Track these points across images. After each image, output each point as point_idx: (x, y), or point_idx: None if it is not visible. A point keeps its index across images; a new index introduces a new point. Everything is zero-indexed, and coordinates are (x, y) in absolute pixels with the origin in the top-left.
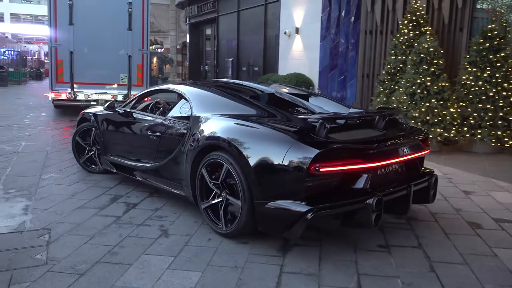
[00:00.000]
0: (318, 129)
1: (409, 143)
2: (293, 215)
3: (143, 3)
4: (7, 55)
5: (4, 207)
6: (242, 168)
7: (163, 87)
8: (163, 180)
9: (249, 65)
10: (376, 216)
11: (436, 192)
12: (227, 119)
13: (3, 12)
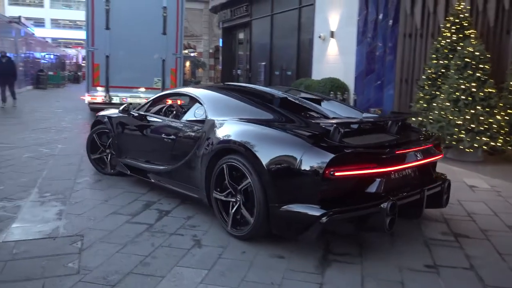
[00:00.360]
0: (333, 134)
1: (422, 148)
2: (308, 219)
3: (178, 7)
4: (47, 59)
5: (39, 211)
6: (257, 171)
7: (177, 90)
8: (177, 183)
9: (282, 69)
10: (391, 220)
11: (449, 196)
12: (242, 123)
13: (44, 17)
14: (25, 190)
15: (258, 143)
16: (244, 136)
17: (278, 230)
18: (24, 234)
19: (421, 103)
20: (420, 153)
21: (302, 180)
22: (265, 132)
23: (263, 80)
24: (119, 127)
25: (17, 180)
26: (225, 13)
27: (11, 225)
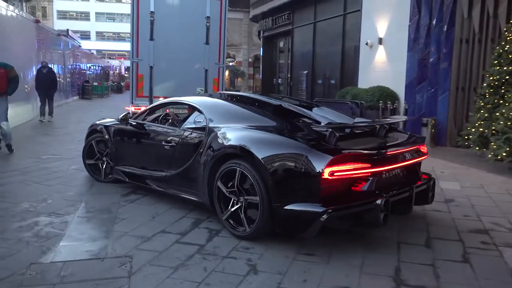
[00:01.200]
0: (328, 138)
1: (409, 149)
2: (309, 217)
3: (221, 17)
4: (92, 70)
5: (86, 228)
6: (261, 174)
7: (174, 99)
8: (178, 187)
9: (325, 78)
10: (384, 216)
11: (434, 194)
12: (243, 129)
13: (89, 30)
14: (72, 204)
15: (260, 147)
16: (247, 141)
17: (281, 228)
18: (72, 253)
19: (482, 112)
20: (408, 154)
21: (304, 180)
22: (267, 137)
23: (305, 89)
24: (117, 136)
25: (64, 194)
26: (266, 22)
27: (59, 243)
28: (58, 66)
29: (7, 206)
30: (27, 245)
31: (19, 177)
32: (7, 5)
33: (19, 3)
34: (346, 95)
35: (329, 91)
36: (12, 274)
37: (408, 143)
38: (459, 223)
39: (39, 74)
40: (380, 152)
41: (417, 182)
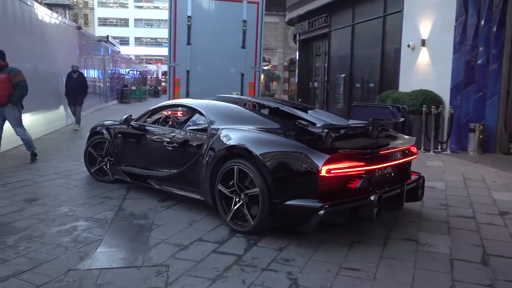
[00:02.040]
0: (325, 138)
1: (400, 149)
2: (308, 212)
3: (257, 21)
4: (130, 74)
5: (123, 235)
6: (261, 172)
7: (174, 102)
8: (180, 186)
9: (364, 81)
10: (378, 211)
11: (423, 191)
12: (244, 130)
13: (128, 36)
14: (110, 209)
15: (261, 147)
16: (248, 141)
17: (281, 223)
18: (109, 260)
19: None
20: (399, 154)
21: (302, 178)
22: (267, 137)
23: (342, 93)
24: (119, 137)
25: (103, 198)
26: (302, 25)
27: (96, 250)
28: (99, 71)
29: (47, 210)
30: (65, 251)
31: (59, 181)
32: (51, 13)
33: (62, 11)
34: (387, 99)
35: (367, 95)
36: (50, 280)
37: (399, 143)
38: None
39: (69, 79)
40: (373, 151)
41: (408, 180)
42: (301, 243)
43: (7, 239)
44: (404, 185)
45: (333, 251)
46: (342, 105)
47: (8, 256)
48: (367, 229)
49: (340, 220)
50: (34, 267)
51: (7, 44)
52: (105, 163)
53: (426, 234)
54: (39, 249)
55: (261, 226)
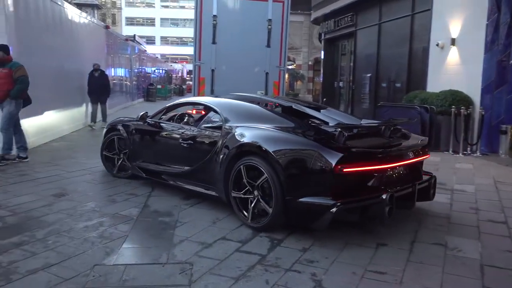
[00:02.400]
0: (338, 137)
1: (412, 149)
2: (320, 209)
3: (283, 20)
4: (156, 73)
5: (147, 231)
6: (275, 170)
7: (190, 100)
8: (195, 182)
9: (390, 81)
10: (389, 209)
11: (435, 191)
12: (258, 128)
13: (154, 35)
14: (136, 206)
15: (275, 145)
16: (262, 139)
17: (293, 220)
18: (134, 256)
19: None
20: (411, 153)
21: (315, 175)
22: (281, 135)
23: (368, 93)
24: (135, 134)
25: (128, 195)
26: (327, 24)
27: (122, 245)
28: (125, 70)
29: (75, 205)
30: (92, 246)
31: (86, 177)
32: (81, 12)
33: (91, 11)
34: (414, 100)
35: (394, 95)
36: (77, 274)
37: (411, 143)
38: None
39: (91, 78)
40: (386, 150)
41: (419, 180)
42: (325, 244)
43: (36, 232)
44: (415, 184)
45: (358, 253)
46: (367, 105)
47: (38, 250)
48: (392, 232)
49: (352, 218)
50: (62, 261)
51: (39, 43)
52: (122, 158)
53: (455, 238)
54: (66, 243)
55: (274, 222)
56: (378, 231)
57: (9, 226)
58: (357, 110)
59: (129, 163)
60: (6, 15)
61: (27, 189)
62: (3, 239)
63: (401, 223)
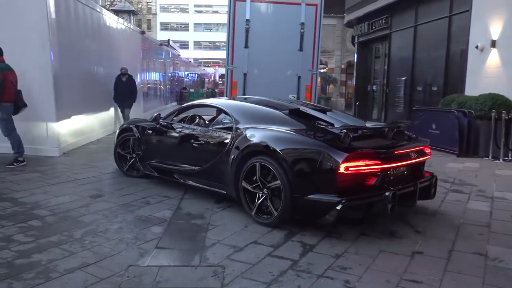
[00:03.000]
0: (343, 138)
1: (414, 149)
2: (327, 206)
3: (315, 23)
4: (189, 77)
5: (180, 233)
6: (284, 169)
7: (201, 102)
8: (205, 181)
9: (426, 84)
10: (392, 207)
11: (436, 190)
12: (268, 129)
13: (188, 40)
14: (169, 208)
15: (284, 145)
16: (272, 140)
17: (301, 215)
18: (167, 258)
19: None
20: (413, 154)
21: (322, 174)
22: (289, 136)
23: (403, 96)
24: (147, 134)
25: (162, 197)
26: (361, 27)
27: (155, 247)
28: (160, 74)
29: (110, 206)
30: (126, 246)
31: (122, 179)
32: (118, 18)
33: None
34: (451, 103)
35: (430, 99)
36: (113, 274)
37: (414, 144)
38: None
39: (118, 83)
40: (389, 151)
41: (421, 179)
42: (358, 251)
43: (74, 232)
44: (417, 183)
45: (392, 261)
46: (402, 109)
47: (75, 249)
48: (429, 241)
49: (356, 215)
50: (98, 261)
51: (80, 49)
52: (134, 158)
53: (496, 248)
54: (102, 243)
55: (283, 218)
56: (413, 239)
57: (49, 226)
58: (391, 114)
59: (140, 164)
60: (49, 22)
61: (66, 190)
62: (43, 238)
63: (438, 231)
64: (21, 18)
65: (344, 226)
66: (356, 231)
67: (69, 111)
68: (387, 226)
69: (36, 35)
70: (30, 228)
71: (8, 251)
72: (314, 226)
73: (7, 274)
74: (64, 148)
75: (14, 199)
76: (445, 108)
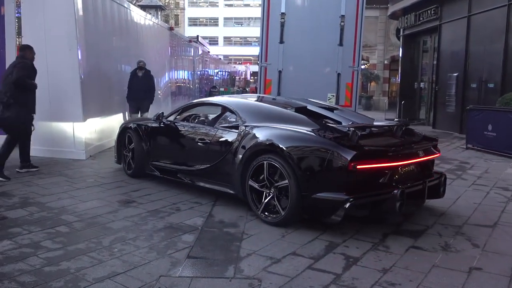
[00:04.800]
0: (351, 136)
1: (423, 148)
2: (335, 204)
3: (357, 15)
4: (219, 75)
5: (213, 243)
6: (292, 167)
7: (205, 100)
8: (211, 181)
9: (481, 81)
10: (400, 204)
11: (445, 188)
12: (275, 128)
13: (217, 35)
14: (201, 215)
15: (292, 144)
16: (279, 138)
17: (309, 214)
18: (199, 269)
19: None
20: (422, 152)
21: (330, 172)
22: (297, 135)
23: (455, 94)
24: (150, 134)
25: (193, 203)
26: (407, 19)
27: (187, 256)
28: (188, 72)
29: (140, 212)
30: (157, 255)
31: (151, 183)
32: (146, 14)
33: (155, 12)
34: (511, 102)
35: (485, 97)
36: (143, 285)
37: (422, 142)
38: None
39: (132, 79)
40: (397, 149)
41: (430, 177)
42: (408, 265)
43: (103, 239)
44: (426, 181)
45: (447, 277)
46: (453, 108)
47: (104, 257)
48: (489, 255)
49: (364, 213)
50: (128, 270)
51: (107, 46)
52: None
53: None
54: (132, 252)
55: (290, 217)
56: (470, 253)
57: (77, 232)
58: (441, 113)
59: (144, 164)
60: (76, 19)
61: (93, 195)
62: (71, 245)
63: (498, 245)
64: (47, 16)
65: (392, 238)
66: (405, 243)
67: (96, 112)
68: (441, 239)
69: (63, 33)
70: (58, 234)
71: (36, 257)
72: (357, 238)
73: (35, 282)
74: (90, 150)
75: (41, 203)
76: (504, 108)
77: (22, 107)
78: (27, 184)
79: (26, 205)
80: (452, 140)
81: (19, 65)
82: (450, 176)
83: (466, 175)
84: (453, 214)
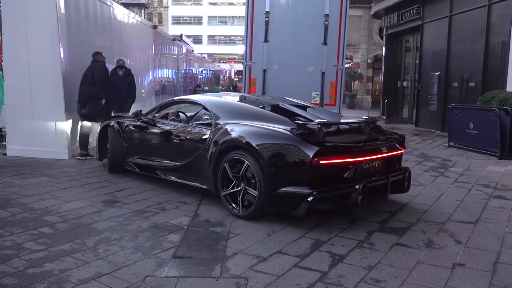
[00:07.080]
0: (317, 132)
1: (388, 144)
2: (299, 198)
3: (341, 14)
4: (203, 74)
5: (199, 242)
6: (259, 162)
7: (181, 98)
8: (186, 176)
9: (462, 80)
10: (362, 198)
11: (410, 183)
12: (246, 125)
13: (201, 34)
14: (186, 214)
15: (260, 140)
16: (248, 134)
17: (276, 208)
18: (185, 269)
19: None
20: (385, 148)
21: (294, 167)
22: (265, 131)
23: (436, 93)
24: (129, 131)
25: (179, 202)
26: (390, 18)
27: (173, 256)
28: (172, 71)
29: (124, 212)
30: (142, 255)
31: (135, 183)
32: (129, 12)
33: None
34: (492, 101)
35: (467, 96)
36: (129, 286)
37: (387, 138)
38: None
39: (113, 78)
40: (360, 145)
41: (394, 173)
42: (393, 262)
43: (87, 240)
44: (389, 176)
45: (431, 273)
46: (435, 107)
47: (88, 258)
48: (471, 251)
49: (329, 206)
50: (113, 271)
51: (90, 44)
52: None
53: None
54: (117, 252)
55: (258, 211)
56: (454, 250)
57: (60, 233)
58: (423, 112)
59: (121, 160)
60: (58, 17)
61: (77, 195)
62: (54, 246)
63: (481, 241)
64: (28, 13)
65: (376, 236)
66: (389, 240)
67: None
68: (425, 236)
69: (45, 30)
70: (41, 235)
71: (19, 259)
72: (343, 236)
73: (18, 284)
74: (73, 150)
75: (23, 204)
76: (485, 106)
77: None
78: (9, 184)
79: (7, 206)
80: (435, 138)
81: (97, 68)
82: (433, 174)
83: (448, 173)
84: (436, 211)
